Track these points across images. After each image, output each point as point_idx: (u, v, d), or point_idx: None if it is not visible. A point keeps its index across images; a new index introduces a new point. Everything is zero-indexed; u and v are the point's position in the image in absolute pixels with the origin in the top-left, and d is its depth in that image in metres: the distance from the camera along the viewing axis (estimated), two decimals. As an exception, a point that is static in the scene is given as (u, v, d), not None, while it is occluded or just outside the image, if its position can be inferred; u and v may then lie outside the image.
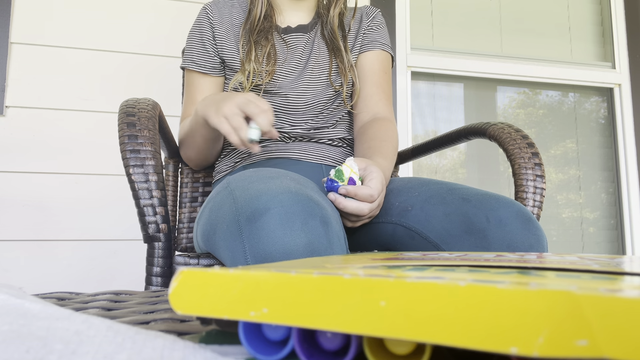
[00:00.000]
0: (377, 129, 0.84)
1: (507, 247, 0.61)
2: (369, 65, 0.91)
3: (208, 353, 0.18)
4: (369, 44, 0.92)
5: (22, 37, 1.37)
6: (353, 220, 0.68)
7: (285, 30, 0.90)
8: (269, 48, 0.85)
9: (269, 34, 0.86)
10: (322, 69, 0.88)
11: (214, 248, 0.64)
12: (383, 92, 0.90)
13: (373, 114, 0.89)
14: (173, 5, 1.48)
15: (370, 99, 0.89)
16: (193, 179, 1.00)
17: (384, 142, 0.81)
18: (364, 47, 0.92)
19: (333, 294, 0.16)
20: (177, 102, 1.44)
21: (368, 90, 0.90)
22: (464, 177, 1.82)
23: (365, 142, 0.82)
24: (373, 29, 0.93)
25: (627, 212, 1.87)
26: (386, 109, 0.90)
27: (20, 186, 1.33)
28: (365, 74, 0.91)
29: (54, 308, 0.21)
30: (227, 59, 0.87)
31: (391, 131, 0.85)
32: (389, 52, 0.93)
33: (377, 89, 0.90)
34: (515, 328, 0.13)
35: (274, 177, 0.61)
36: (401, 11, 1.74)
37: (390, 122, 0.87)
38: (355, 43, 0.92)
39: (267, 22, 0.87)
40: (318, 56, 0.88)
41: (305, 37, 0.90)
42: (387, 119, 0.88)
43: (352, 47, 0.92)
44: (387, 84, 0.92)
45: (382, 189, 0.67)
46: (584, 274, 0.19)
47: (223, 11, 0.89)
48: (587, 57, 1.95)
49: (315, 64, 0.88)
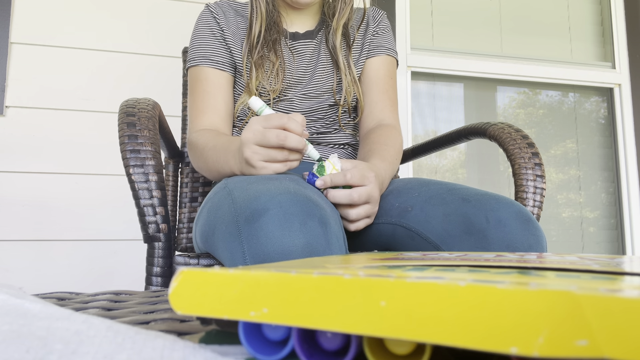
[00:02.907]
0: (379, 134, 0.83)
1: (507, 248, 0.61)
2: (375, 72, 0.90)
3: (208, 353, 0.18)
4: (375, 49, 0.91)
5: (22, 37, 1.37)
6: (352, 219, 0.68)
7: (293, 36, 0.89)
8: (278, 65, 0.83)
9: (276, 45, 0.85)
10: (327, 77, 0.87)
11: (212, 248, 0.64)
12: (389, 99, 0.90)
13: (378, 120, 0.88)
14: (173, 5, 1.48)
15: (376, 106, 0.89)
16: (193, 179, 1.00)
17: (384, 146, 0.80)
18: (370, 53, 0.91)
19: (333, 294, 0.16)
20: (177, 102, 1.44)
21: (374, 97, 0.89)
22: (464, 177, 1.82)
23: (366, 146, 0.82)
24: (379, 33, 0.92)
25: (627, 212, 1.87)
26: (392, 115, 0.89)
27: (20, 186, 1.33)
28: (371, 80, 0.90)
29: (54, 308, 0.21)
30: (237, 61, 0.85)
31: (394, 137, 0.84)
32: (395, 56, 0.93)
33: (383, 95, 0.89)
34: (515, 328, 0.13)
35: (273, 177, 0.61)
36: (401, 11, 1.74)
37: (395, 128, 0.87)
38: (362, 49, 0.91)
39: (274, 32, 0.85)
40: (324, 65, 0.88)
41: (313, 43, 0.89)
42: (392, 125, 0.87)
43: (360, 53, 0.90)
44: (393, 90, 0.91)
45: (360, 177, 0.65)
46: (584, 274, 0.19)
47: (228, 14, 0.88)
48: (587, 57, 1.95)
49: (322, 72, 0.87)
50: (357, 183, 0.65)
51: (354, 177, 0.64)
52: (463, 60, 1.78)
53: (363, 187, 0.65)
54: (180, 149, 1.03)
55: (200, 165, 0.78)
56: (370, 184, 0.66)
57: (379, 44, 0.92)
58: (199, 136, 0.78)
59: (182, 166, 1.01)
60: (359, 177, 0.65)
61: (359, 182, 0.65)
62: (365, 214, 0.68)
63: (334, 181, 0.65)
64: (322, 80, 0.87)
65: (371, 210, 0.68)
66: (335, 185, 0.65)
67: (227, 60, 0.85)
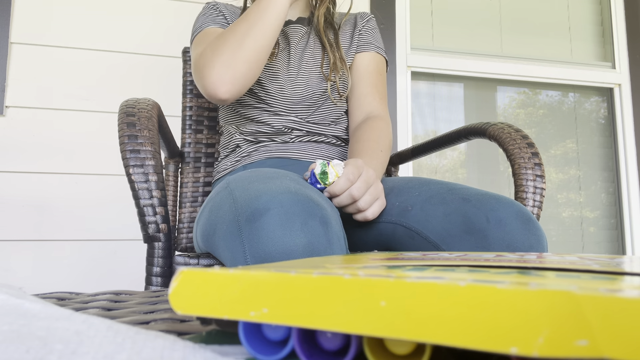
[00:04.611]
0: (367, 129, 0.84)
1: (507, 247, 0.61)
2: (365, 66, 0.92)
3: (208, 353, 0.18)
4: (365, 45, 0.93)
5: (22, 37, 1.37)
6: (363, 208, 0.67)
7: (286, 23, 0.92)
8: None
9: None
10: (316, 60, 0.89)
11: (213, 248, 0.64)
12: (377, 92, 0.91)
13: (367, 112, 0.89)
14: (173, 5, 1.48)
15: (365, 98, 0.90)
16: (193, 179, 1.00)
17: (372, 142, 0.81)
18: (360, 48, 0.93)
19: (333, 294, 0.16)
20: (177, 102, 1.44)
21: (362, 89, 0.91)
22: (464, 177, 1.82)
23: (356, 143, 0.83)
24: (368, 31, 0.95)
25: (627, 212, 1.87)
26: (380, 107, 0.90)
27: (20, 186, 1.33)
28: (361, 74, 0.91)
29: (54, 308, 0.21)
30: None
31: (380, 130, 0.84)
32: (384, 55, 0.94)
33: (372, 88, 0.91)
34: (515, 328, 0.13)
35: (274, 177, 0.61)
36: (401, 11, 1.74)
37: (382, 119, 0.87)
38: (351, 42, 0.93)
39: None
40: (313, 49, 0.90)
41: (304, 29, 0.92)
42: (380, 117, 0.88)
43: (349, 46, 0.93)
44: (382, 84, 0.93)
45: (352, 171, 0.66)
46: (584, 274, 0.19)
47: (230, 9, 0.92)
48: (587, 57, 1.95)
49: (310, 56, 0.89)
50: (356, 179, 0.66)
51: (354, 174, 0.65)
52: (463, 60, 1.78)
53: (358, 179, 0.66)
54: (180, 149, 1.03)
55: (225, 55, 0.70)
56: (363, 172, 0.66)
57: (368, 40, 0.94)
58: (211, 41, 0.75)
59: (182, 166, 1.01)
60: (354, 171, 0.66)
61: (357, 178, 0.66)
62: (372, 198, 0.68)
63: (335, 191, 0.66)
64: (311, 61, 0.89)
65: (375, 192, 0.68)
66: (340, 193, 0.66)
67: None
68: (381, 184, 0.71)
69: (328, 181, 0.66)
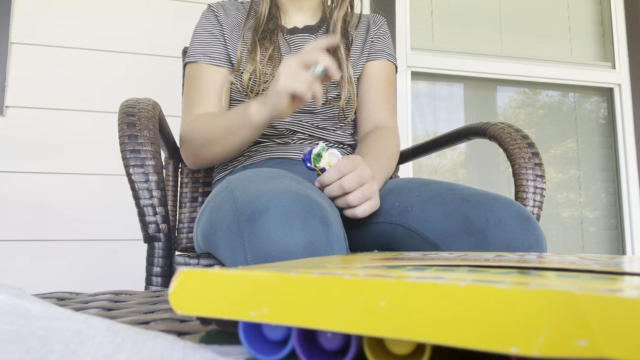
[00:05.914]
0: (376, 137, 0.84)
1: (507, 247, 0.61)
2: (376, 75, 0.90)
3: (208, 353, 0.18)
4: (377, 53, 0.91)
5: (22, 37, 1.37)
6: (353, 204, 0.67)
7: (292, 31, 0.90)
8: (271, 51, 0.84)
9: (273, 36, 0.86)
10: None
11: (214, 248, 0.64)
12: (387, 103, 0.90)
13: (376, 123, 0.88)
14: (174, 6, 1.48)
15: (375, 109, 0.89)
16: (193, 179, 1.00)
17: (379, 149, 0.80)
18: (371, 56, 0.91)
19: (333, 294, 0.16)
20: (177, 102, 1.44)
21: (373, 100, 0.90)
22: (464, 177, 1.82)
23: (362, 149, 0.82)
24: (380, 37, 0.93)
25: (627, 212, 1.87)
26: (389, 119, 0.89)
27: (20, 186, 1.33)
28: (371, 83, 0.90)
29: (54, 308, 0.21)
30: (234, 61, 0.86)
31: (389, 139, 0.84)
32: (394, 62, 0.94)
33: (382, 99, 0.90)
34: (515, 328, 0.13)
35: (274, 177, 0.61)
36: (401, 11, 1.74)
37: (391, 131, 0.87)
38: (363, 50, 0.91)
39: (272, 23, 0.86)
40: None
41: (311, 39, 0.90)
42: (389, 128, 0.87)
43: (360, 54, 0.91)
44: (392, 95, 0.92)
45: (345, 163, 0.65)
46: (584, 274, 0.19)
47: (229, 12, 0.89)
48: (587, 57, 1.95)
49: None
50: (348, 172, 0.65)
51: (346, 167, 0.65)
52: (463, 60, 1.78)
53: (351, 172, 0.65)
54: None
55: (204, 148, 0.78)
56: (358, 167, 0.66)
57: (380, 48, 0.92)
58: (196, 121, 0.80)
59: (182, 166, 1.01)
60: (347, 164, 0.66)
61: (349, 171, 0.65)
62: (364, 196, 0.67)
63: (324, 181, 0.66)
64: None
65: (368, 190, 0.67)
66: (329, 183, 0.66)
67: (225, 57, 0.86)
68: (377, 185, 0.70)
69: (319, 164, 0.66)
